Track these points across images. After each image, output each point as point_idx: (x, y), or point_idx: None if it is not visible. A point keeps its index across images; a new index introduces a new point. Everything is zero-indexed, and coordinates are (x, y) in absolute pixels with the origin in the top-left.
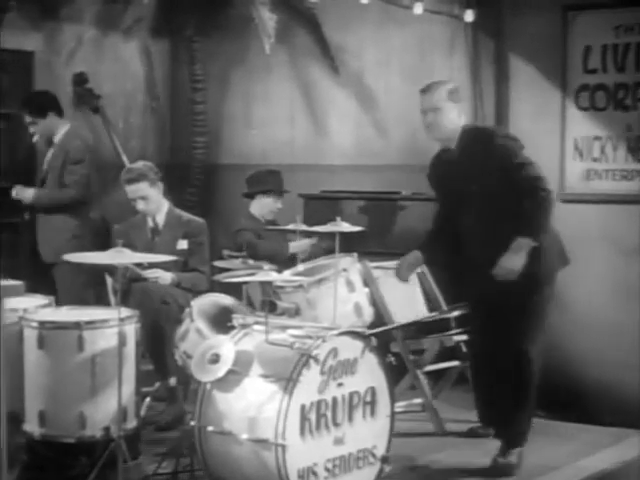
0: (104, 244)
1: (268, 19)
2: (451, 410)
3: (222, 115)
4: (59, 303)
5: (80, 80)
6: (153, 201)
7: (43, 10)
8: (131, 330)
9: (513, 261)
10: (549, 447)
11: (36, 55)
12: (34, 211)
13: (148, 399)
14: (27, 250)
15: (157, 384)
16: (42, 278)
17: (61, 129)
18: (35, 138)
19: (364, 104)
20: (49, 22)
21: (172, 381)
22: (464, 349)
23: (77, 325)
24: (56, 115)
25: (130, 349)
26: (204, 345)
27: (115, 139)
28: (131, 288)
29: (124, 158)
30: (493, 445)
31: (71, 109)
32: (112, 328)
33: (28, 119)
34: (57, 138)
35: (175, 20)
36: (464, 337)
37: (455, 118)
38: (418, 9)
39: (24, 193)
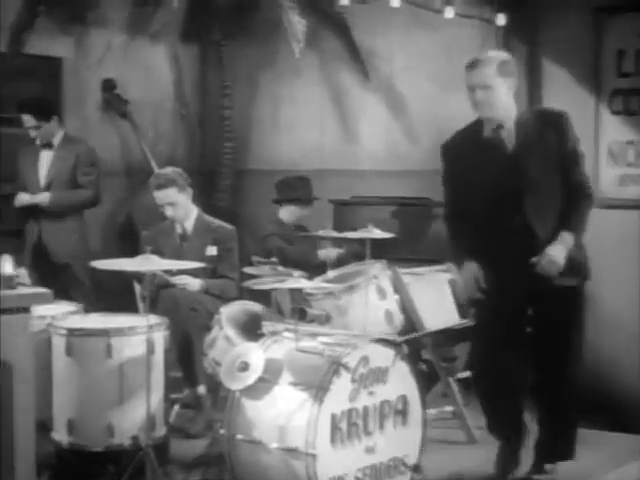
0: (132, 250)
1: (297, 23)
2: (483, 418)
3: (251, 120)
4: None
5: (109, 86)
6: (182, 207)
7: (72, 15)
8: (159, 338)
9: (560, 253)
10: (582, 456)
11: (64, 61)
12: (38, 216)
13: (177, 406)
14: (33, 254)
15: (186, 391)
16: (51, 282)
17: (58, 133)
18: (37, 142)
19: (394, 109)
20: (78, 27)
21: (201, 389)
22: None
23: (105, 332)
24: (57, 120)
25: (158, 357)
26: (233, 353)
27: (144, 145)
28: (159, 295)
29: (153, 164)
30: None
31: (99, 115)
32: (140, 335)
33: (32, 122)
34: (56, 142)
35: (204, 25)
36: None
37: (505, 94)
38: (449, 13)
39: (39, 197)
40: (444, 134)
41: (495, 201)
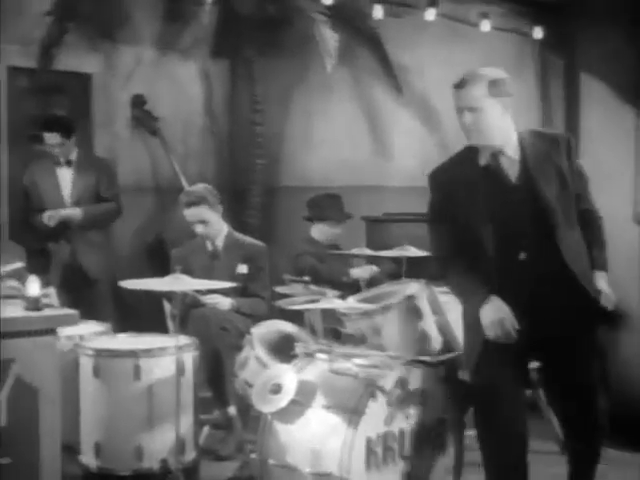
0: (162, 268)
1: (329, 38)
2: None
3: (282, 136)
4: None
5: (138, 102)
6: (212, 224)
7: (101, 31)
8: (189, 358)
9: (609, 289)
10: (609, 477)
11: (94, 77)
12: (67, 233)
13: (206, 427)
14: (63, 273)
15: (216, 412)
16: (81, 302)
17: (74, 149)
18: (60, 160)
19: (428, 124)
20: (107, 43)
21: (231, 409)
22: (535, 376)
23: (133, 353)
24: (75, 136)
25: (188, 378)
26: (265, 374)
27: (174, 161)
28: (189, 314)
29: (183, 181)
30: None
31: (128, 131)
32: (170, 356)
33: (57, 140)
34: (73, 158)
35: (234, 40)
36: (535, 364)
37: (499, 117)
38: (485, 26)
39: (70, 212)
40: None
41: (499, 237)
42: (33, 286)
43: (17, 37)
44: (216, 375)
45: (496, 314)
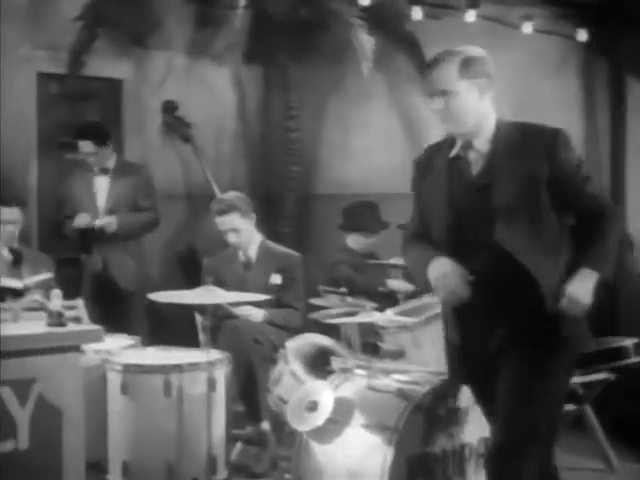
0: (193, 278)
1: (366, 42)
2: (567, 458)
3: (318, 143)
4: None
5: (170, 108)
6: (245, 234)
7: (132, 36)
8: (221, 374)
9: (581, 290)
10: None
11: (125, 83)
12: (100, 243)
13: (239, 443)
14: (94, 284)
15: (248, 427)
16: (111, 314)
17: (112, 158)
18: (95, 168)
19: None
20: (138, 49)
21: (265, 425)
22: (580, 391)
23: (163, 369)
24: (111, 144)
25: (220, 394)
26: (301, 391)
27: (206, 168)
28: (221, 326)
29: (215, 188)
30: None
31: (160, 138)
32: (201, 372)
33: (90, 149)
34: (111, 166)
35: (268, 45)
36: (581, 379)
37: (474, 102)
38: (528, 28)
39: (105, 220)
40: None
41: (454, 241)
42: (55, 300)
43: (47, 43)
44: (249, 389)
45: (439, 270)
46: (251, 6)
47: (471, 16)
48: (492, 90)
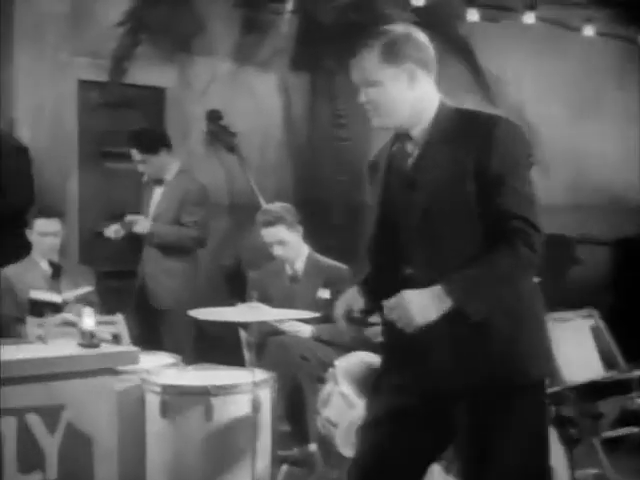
0: (238, 292)
1: None
2: None
3: (366, 152)
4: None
5: (214, 117)
6: (292, 246)
7: (175, 43)
8: (266, 395)
9: (416, 308)
10: None
11: (168, 91)
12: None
13: (285, 465)
14: (137, 299)
15: (295, 449)
16: (153, 331)
17: (172, 167)
18: (144, 178)
19: None
20: (181, 56)
21: (312, 446)
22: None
23: (205, 391)
24: (167, 152)
25: (265, 416)
26: (352, 415)
27: (251, 179)
28: (267, 342)
29: (261, 199)
30: None
31: (203, 147)
32: (245, 394)
33: (137, 157)
34: (169, 176)
35: (315, 52)
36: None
37: (404, 91)
38: (589, 31)
39: (140, 222)
40: (581, 165)
41: (389, 241)
42: (87, 320)
43: (88, 49)
44: (296, 409)
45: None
46: (298, 11)
47: (530, 18)
48: (431, 72)
